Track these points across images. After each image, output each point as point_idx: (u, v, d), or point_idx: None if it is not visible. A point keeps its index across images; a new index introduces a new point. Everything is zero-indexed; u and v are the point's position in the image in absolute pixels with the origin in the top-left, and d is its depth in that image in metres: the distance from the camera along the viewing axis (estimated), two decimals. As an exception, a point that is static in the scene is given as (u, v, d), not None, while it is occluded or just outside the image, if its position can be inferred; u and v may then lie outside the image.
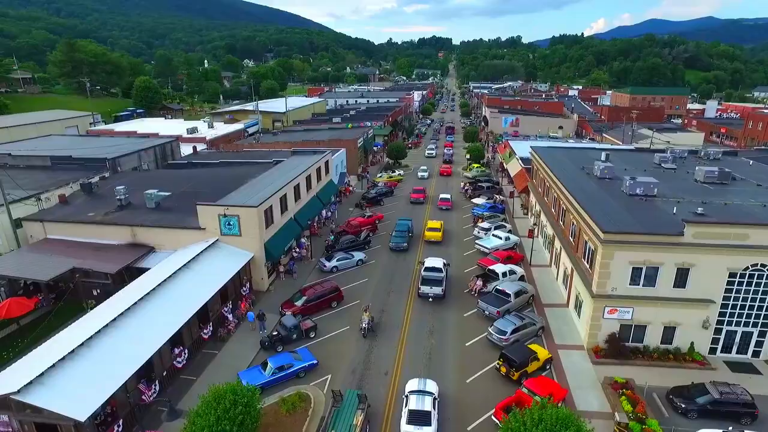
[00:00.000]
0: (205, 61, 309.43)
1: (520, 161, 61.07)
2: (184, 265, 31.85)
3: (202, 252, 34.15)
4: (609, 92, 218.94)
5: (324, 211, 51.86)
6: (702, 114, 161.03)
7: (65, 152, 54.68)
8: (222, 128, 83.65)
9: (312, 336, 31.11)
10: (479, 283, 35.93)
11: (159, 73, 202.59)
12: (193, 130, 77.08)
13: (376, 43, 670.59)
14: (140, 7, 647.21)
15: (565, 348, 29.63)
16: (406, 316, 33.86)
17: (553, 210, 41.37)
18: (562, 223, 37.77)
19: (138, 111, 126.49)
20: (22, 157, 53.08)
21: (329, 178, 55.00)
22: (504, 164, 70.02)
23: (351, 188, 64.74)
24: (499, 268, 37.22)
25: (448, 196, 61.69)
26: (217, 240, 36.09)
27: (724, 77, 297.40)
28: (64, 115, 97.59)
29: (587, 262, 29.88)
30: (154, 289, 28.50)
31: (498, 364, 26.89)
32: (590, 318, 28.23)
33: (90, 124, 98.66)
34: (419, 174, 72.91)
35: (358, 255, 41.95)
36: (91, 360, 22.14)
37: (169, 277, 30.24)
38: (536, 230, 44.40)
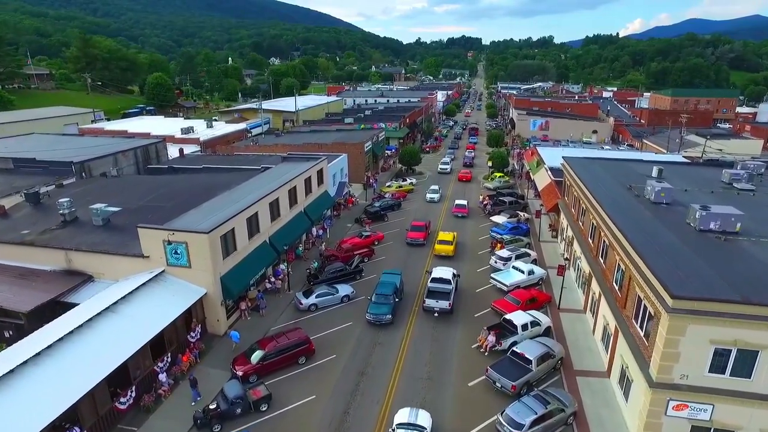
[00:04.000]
0: (230, 58, 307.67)
1: (549, 172, 52.19)
2: (107, 308, 24.79)
3: (138, 288, 27.04)
4: (647, 94, 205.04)
5: (315, 229, 44.29)
6: (753, 118, 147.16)
7: (31, 154, 48.81)
8: (221, 128, 77.21)
9: (264, 409, 23.51)
10: (491, 338, 27.62)
11: (181, 70, 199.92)
12: (188, 130, 70.85)
13: (404, 43, 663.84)
14: (173, 6, 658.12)
15: (606, 447, 21.25)
16: (402, 349, 25.99)
17: (590, 241, 32.67)
18: (602, 261, 29.13)
19: (148, 108, 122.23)
20: (-18, 159, 47.45)
21: (323, 189, 47.43)
22: (531, 174, 61.10)
23: (354, 199, 57.04)
24: (519, 318, 28.77)
25: (465, 202, 54.48)
26: (163, 271, 28.94)
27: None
28: (65, 112, 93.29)
29: (641, 329, 21.34)
30: (51, 345, 21.44)
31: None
32: (646, 412, 19.69)
33: (92, 121, 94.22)
34: (428, 196, 58.37)
35: (345, 289, 34.12)
36: None
37: (83, 324, 23.22)
38: (568, 263, 35.69)
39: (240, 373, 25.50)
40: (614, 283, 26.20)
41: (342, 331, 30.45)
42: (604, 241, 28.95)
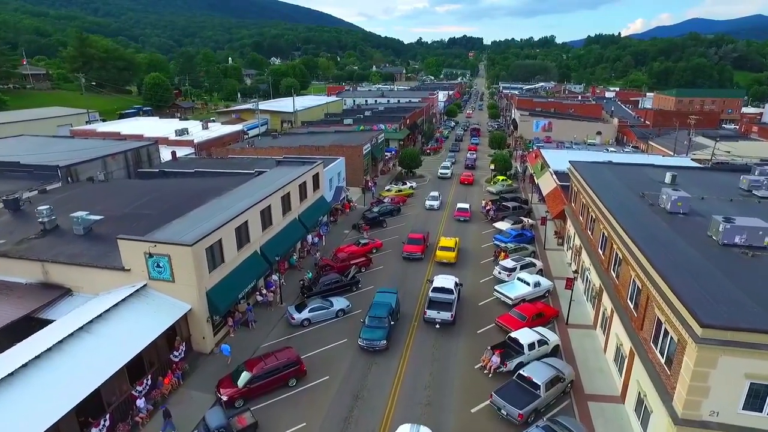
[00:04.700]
0: (230, 58, 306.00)
1: (554, 176, 50.28)
2: (81, 327, 22.91)
3: (117, 304, 25.16)
4: (650, 94, 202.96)
5: (310, 237, 42.38)
6: (759, 118, 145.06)
7: (16, 157, 47.01)
8: (217, 130, 75.30)
9: (249, 439, 21.63)
10: (495, 359, 25.68)
11: (181, 70, 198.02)
12: (182, 131, 68.98)
13: (405, 43, 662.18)
14: (174, 6, 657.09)
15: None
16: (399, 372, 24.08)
17: (600, 252, 30.74)
18: (615, 276, 27.19)
19: (144, 109, 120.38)
20: (-36, 163, 45.66)
21: (320, 194, 45.53)
22: (535, 178, 59.14)
23: (352, 204, 55.12)
24: (525, 336, 26.83)
25: (467, 206, 52.79)
26: (145, 285, 27.07)
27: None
28: (58, 113, 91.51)
29: (661, 355, 19.41)
30: (12, 373, 19.56)
31: None
32: (669, 451, 17.77)
33: (86, 122, 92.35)
34: (427, 204, 55.33)
35: (340, 303, 32.18)
36: None
37: (52, 347, 21.34)
38: (576, 274, 33.71)
39: (225, 398, 23.63)
40: (628, 301, 24.27)
41: (336, 349, 28.54)
42: (616, 254, 27.02)
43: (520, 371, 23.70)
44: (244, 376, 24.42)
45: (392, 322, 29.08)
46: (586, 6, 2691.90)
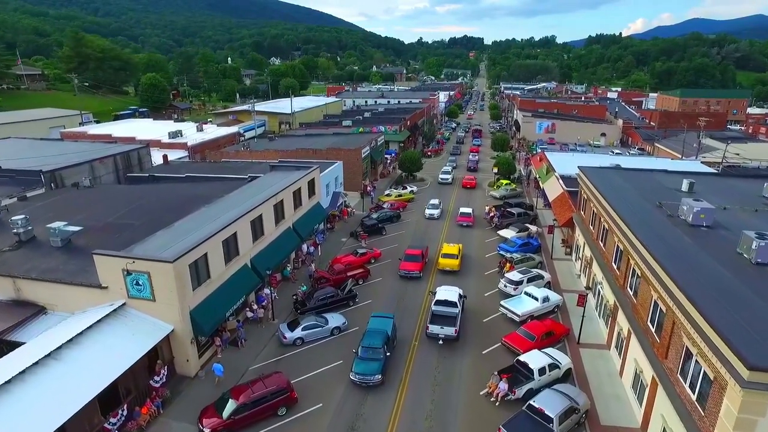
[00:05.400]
0: (229, 58, 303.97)
1: (560, 181, 48.18)
2: (49, 354, 20.85)
3: (91, 326, 23.09)
4: (653, 95, 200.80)
5: (305, 246, 40.31)
6: (765, 119, 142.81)
7: (-2, 162, 44.95)
8: (212, 132, 73.22)
9: (232, 480, 19.57)
10: (503, 386, 23.56)
11: (179, 70, 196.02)
12: (176, 134, 66.92)
13: (406, 43, 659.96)
14: (174, 5, 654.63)
15: None
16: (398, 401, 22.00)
17: (615, 266, 28.64)
18: (632, 294, 25.09)
19: (140, 110, 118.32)
20: (-56, 168, 43.58)
21: (315, 200, 43.44)
22: (540, 183, 57.03)
23: (350, 210, 53.00)
24: (535, 360, 24.71)
25: (470, 210, 50.95)
26: (124, 304, 25.01)
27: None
28: (51, 114, 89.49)
29: (692, 390, 17.31)
30: (-33, 410, 17.53)
31: None
32: (703, 502, 15.68)
33: (80, 124, 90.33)
34: (427, 212, 51.87)
35: (335, 320, 30.07)
36: None
37: (13, 378, 19.27)
38: (589, 290, 31.58)
39: (208, 430, 21.58)
40: (649, 323, 22.17)
41: (331, 372, 26.44)
42: (633, 270, 24.93)
43: (531, 402, 21.59)
44: (230, 406, 22.35)
45: (388, 354, 25.88)
46: (586, 6, 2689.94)
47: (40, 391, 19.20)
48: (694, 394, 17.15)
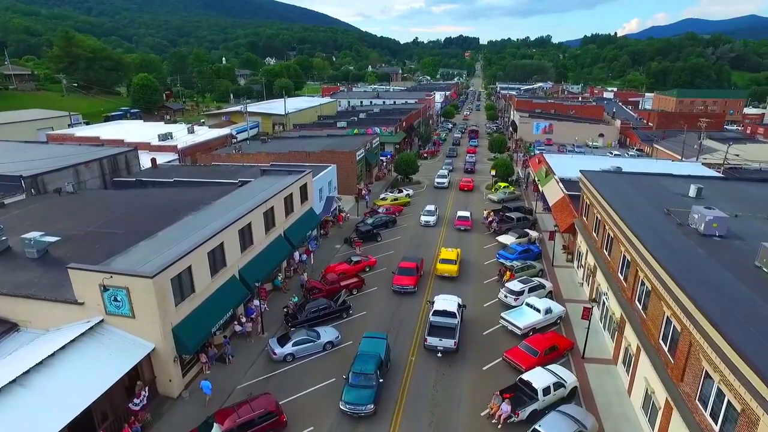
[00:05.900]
0: (224, 58, 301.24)
1: (560, 184, 46.90)
2: (14, 380, 19.26)
3: (65, 346, 21.52)
4: (649, 95, 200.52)
5: (297, 254, 38.79)
6: (761, 119, 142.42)
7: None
8: (203, 134, 71.53)
9: None
10: (505, 407, 22.14)
11: (173, 70, 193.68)
12: (166, 136, 65.21)
13: (401, 43, 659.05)
14: (168, 5, 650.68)
15: None
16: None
17: (621, 277, 27.29)
18: (641, 308, 23.73)
19: (132, 111, 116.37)
20: None
21: (308, 206, 41.92)
22: (539, 186, 55.71)
23: (345, 214, 51.48)
24: (539, 379, 23.28)
25: (468, 214, 49.66)
26: (101, 321, 23.43)
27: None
28: (39, 116, 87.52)
29: (713, 420, 15.93)
30: None
31: None
32: None
33: (69, 125, 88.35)
34: (422, 219, 49.51)
35: (328, 334, 28.57)
36: None
37: (-23, 407, 17.72)
38: (593, 303, 30.19)
39: (188, 460, 20.06)
40: (661, 341, 20.82)
41: (323, 391, 24.95)
42: (643, 283, 23.57)
43: (537, 427, 20.18)
44: (215, 431, 20.84)
45: (381, 380, 23.72)
46: (582, 6, 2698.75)
47: (3, 423, 17.61)
48: (716, 424, 15.79)
